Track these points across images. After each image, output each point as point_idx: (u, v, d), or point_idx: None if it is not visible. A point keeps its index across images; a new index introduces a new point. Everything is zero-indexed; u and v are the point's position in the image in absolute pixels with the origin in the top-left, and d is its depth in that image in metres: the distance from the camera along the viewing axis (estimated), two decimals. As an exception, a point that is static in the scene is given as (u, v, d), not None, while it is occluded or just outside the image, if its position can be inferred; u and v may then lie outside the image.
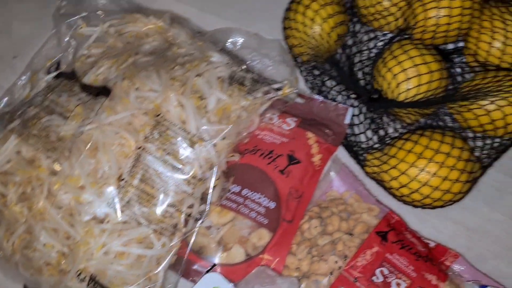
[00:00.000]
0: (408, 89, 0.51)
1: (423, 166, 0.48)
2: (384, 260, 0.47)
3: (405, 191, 0.49)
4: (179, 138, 0.49)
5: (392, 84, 0.51)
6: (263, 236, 0.50)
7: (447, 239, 0.52)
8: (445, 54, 0.57)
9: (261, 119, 0.55)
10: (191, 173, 0.49)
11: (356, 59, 0.58)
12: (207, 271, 0.47)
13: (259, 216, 0.50)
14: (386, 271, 0.46)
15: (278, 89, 0.55)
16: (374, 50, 0.58)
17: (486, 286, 0.46)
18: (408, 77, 0.50)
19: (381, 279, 0.46)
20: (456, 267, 0.49)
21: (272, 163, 0.52)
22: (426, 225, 0.52)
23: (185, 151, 0.49)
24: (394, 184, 0.49)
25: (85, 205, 0.47)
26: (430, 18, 0.52)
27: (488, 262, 0.51)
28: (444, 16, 0.51)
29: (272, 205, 0.50)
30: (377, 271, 0.46)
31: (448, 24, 0.51)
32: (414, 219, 0.52)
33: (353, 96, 0.54)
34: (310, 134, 0.54)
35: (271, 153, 0.53)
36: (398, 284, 0.46)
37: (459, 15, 0.51)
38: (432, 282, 0.46)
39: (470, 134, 0.52)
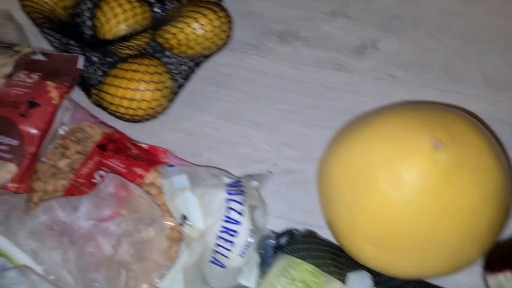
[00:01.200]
0: (111, 29, 0.62)
1: (122, 84, 0.59)
2: (102, 165, 0.58)
3: (113, 108, 0.60)
4: None
5: (100, 28, 0.63)
6: (11, 169, 0.60)
7: (170, 144, 0.63)
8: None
9: (7, 78, 0.65)
10: None
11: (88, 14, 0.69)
12: None
13: (4, 154, 0.60)
14: (103, 173, 0.58)
15: (16, 51, 0.66)
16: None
17: (172, 165, 0.58)
18: (108, 20, 0.62)
19: (99, 179, 0.57)
20: (168, 160, 0.61)
21: (15, 110, 0.62)
22: (154, 136, 0.64)
23: None
24: (107, 104, 0.61)
25: None
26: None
27: (203, 155, 0.63)
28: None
29: (15, 142, 0.61)
30: (96, 175, 0.58)
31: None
32: (142, 133, 0.64)
33: (76, 45, 0.65)
34: (49, 83, 0.64)
35: (14, 102, 0.63)
36: (112, 179, 0.57)
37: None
38: (138, 173, 0.57)
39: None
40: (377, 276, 0.51)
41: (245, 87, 0.66)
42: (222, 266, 0.53)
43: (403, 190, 0.42)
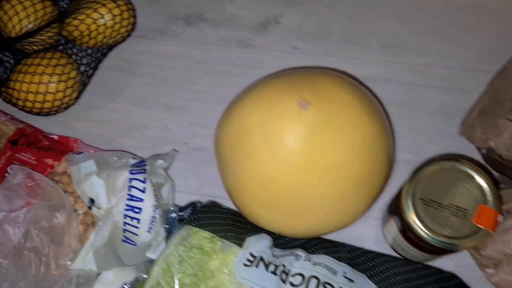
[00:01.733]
0: (14, 27, 0.63)
1: (26, 79, 0.61)
2: (13, 159, 0.60)
3: (21, 103, 0.62)
4: None
5: (4, 27, 0.64)
6: None
7: (84, 134, 0.64)
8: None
9: None
10: None
11: None
12: None
13: None
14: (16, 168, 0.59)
15: None
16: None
17: (82, 152, 0.59)
18: (10, 18, 0.63)
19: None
20: (80, 149, 0.62)
21: None
22: (68, 127, 0.65)
23: None
24: (15, 100, 0.62)
25: None
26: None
27: (116, 141, 0.65)
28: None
29: None
30: (9, 169, 0.59)
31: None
32: (56, 125, 0.65)
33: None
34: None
35: None
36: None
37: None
38: (49, 163, 0.59)
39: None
40: (279, 238, 0.53)
41: (154, 72, 0.68)
42: (133, 243, 0.55)
43: (276, 151, 0.45)
